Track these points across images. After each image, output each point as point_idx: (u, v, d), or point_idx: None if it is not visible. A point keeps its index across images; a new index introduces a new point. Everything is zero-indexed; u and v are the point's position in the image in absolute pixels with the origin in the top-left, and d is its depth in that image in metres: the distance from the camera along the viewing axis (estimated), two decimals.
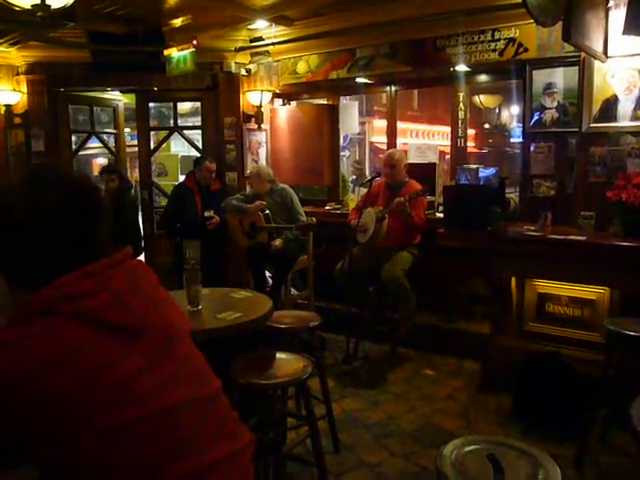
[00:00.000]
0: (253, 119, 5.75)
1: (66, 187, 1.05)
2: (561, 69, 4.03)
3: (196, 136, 6.17)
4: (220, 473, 1.05)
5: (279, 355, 2.60)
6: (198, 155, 5.71)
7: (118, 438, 0.93)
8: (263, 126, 5.85)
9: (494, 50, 4.29)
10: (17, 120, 5.61)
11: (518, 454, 1.57)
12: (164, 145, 6.44)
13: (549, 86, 4.09)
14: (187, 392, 1.05)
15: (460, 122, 4.94)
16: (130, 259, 1.11)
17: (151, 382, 1.00)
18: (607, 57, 3.60)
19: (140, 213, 5.79)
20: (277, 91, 5.79)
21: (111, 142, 6.56)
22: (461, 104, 4.91)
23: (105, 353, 0.96)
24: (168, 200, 5.54)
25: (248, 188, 5.45)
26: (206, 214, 5.03)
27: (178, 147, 7.63)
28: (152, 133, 6.15)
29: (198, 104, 6.12)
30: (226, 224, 5.09)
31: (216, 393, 1.14)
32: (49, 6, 3.05)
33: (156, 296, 1.12)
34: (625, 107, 3.66)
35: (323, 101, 5.97)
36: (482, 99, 11.06)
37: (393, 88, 5.35)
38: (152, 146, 6.10)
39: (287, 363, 2.52)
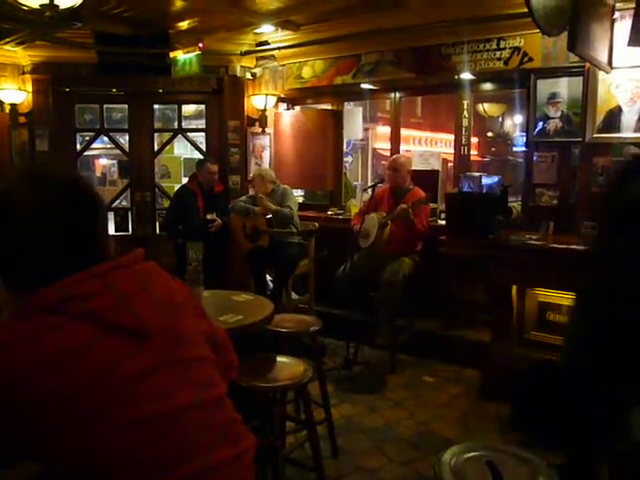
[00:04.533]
0: (257, 123, 5.77)
1: (66, 188, 1.03)
2: (565, 79, 4.04)
3: (200, 139, 6.17)
4: (222, 476, 1.04)
5: (280, 359, 2.61)
6: (201, 158, 5.71)
7: (121, 439, 0.93)
8: (267, 130, 5.87)
9: (499, 59, 4.30)
10: (22, 119, 5.60)
11: (517, 461, 1.57)
12: (168, 147, 6.44)
13: (553, 96, 4.10)
14: (192, 395, 1.04)
15: (464, 130, 4.94)
16: (143, 261, 1.10)
17: (156, 384, 0.99)
18: (612, 68, 3.62)
19: None
20: (282, 95, 5.80)
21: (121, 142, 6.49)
22: (465, 112, 4.91)
23: (109, 353, 0.95)
24: (170, 202, 5.54)
25: (250, 191, 5.45)
26: (208, 217, 5.03)
27: (181, 149, 7.64)
28: (156, 135, 6.17)
29: (202, 107, 6.13)
30: (228, 227, 5.09)
31: (221, 397, 1.14)
32: (57, 6, 3.07)
33: (168, 299, 1.10)
34: (629, 118, 3.67)
35: (327, 106, 5.98)
36: (486, 107, 11.07)
37: (397, 95, 5.37)
38: (156, 148, 6.11)
39: (288, 367, 2.53)
